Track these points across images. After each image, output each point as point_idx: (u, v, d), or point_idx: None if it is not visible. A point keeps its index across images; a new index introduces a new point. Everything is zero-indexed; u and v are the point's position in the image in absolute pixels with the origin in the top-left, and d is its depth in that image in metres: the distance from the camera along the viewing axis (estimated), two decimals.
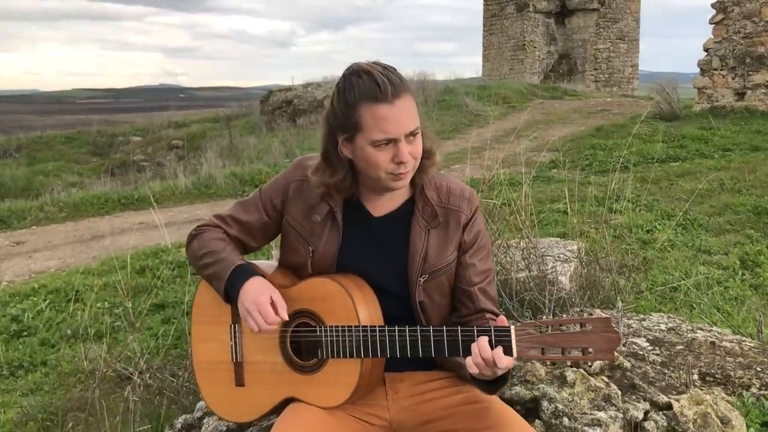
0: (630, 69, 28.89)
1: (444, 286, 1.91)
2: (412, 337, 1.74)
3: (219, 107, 29.38)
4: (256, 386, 1.95)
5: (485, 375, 1.65)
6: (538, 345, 1.59)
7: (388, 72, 1.74)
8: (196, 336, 2.07)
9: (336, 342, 1.80)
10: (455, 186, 1.95)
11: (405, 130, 1.74)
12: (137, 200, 9.89)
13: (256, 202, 1.99)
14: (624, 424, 2.15)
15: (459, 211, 1.91)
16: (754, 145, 9.75)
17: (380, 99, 1.70)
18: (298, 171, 1.96)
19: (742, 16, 12.54)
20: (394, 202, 1.91)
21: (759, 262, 5.15)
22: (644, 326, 3.35)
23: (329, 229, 1.90)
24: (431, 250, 1.87)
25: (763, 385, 2.76)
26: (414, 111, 1.77)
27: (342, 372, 1.82)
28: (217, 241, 1.95)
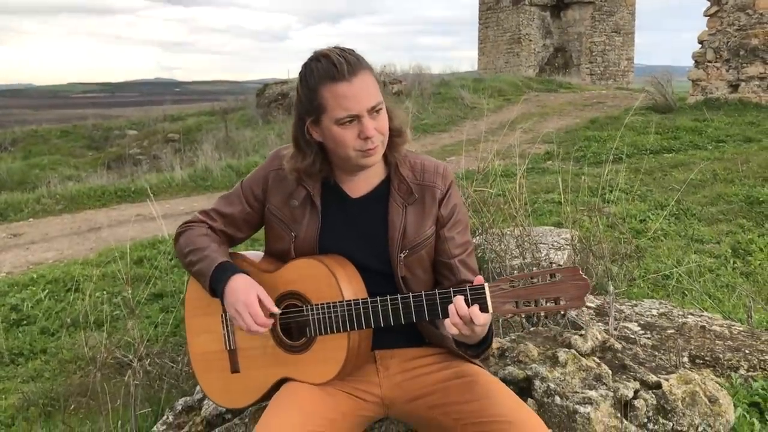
0: (625, 62, 28.93)
1: (425, 261, 1.96)
2: (394, 305, 1.79)
3: (215, 101, 29.36)
4: (251, 371, 2.00)
5: (465, 336, 1.71)
6: (512, 299, 1.65)
7: (345, 53, 1.79)
8: (191, 329, 2.11)
9: (322, 319, 1.85)
10: (429, 163, 2.00)
11: (366, 105, 1.79)
12: (134, 192, 9.92)
13: (238, 195, 2.04)
14: (614, 403, 2.21)
15: (434, 187, 1.96)
16: (748, 137, 9.81)
17: (338, 78, 1.76)
18: (275, 161, 2.01)
19: (736, 8, 12.60)
20: (370, 182, 1.97)
21: (750, 250, 5.21)
22: (636, 312, 3.41)
23: (309, 214, 1.95)
24: (409, 227, 1.92)
25: (751, 367, 2.83)
26: (374, 87, 1.82)
27: (330, 348, 1.87)
28: (201, 238, 2.00)
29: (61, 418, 3.17)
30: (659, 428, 2.23)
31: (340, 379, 1.90)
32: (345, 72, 1.75)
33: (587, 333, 2.54)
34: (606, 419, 2.16)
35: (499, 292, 1.67)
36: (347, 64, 1.76)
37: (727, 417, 2.34)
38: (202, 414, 2.41)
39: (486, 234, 3.72)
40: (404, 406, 1.94)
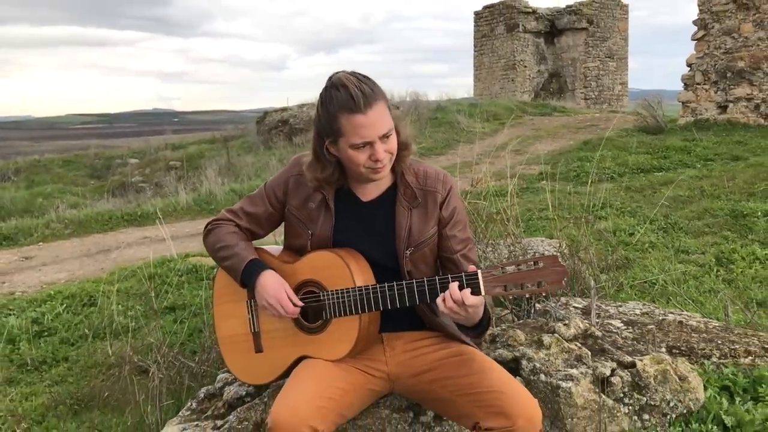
0: (619, 86, 29.38)
1: (428, 257, 2.25)
2: (399, 290, 2.06)
3: (214, 130, 29.79)
4: (273, 351, 2.27)
5: (461, 317, 1.98)
6: (501, 283, 1.92)
7: (362, 84, 2.05)
8: (219, 315, 2.40)
9: (337, 303, 2.13)
10: (431, 170, 2.29)
11: (379, 133, 2.06)
12: (140, 217, 10.20)
13: (262, 196, 2.34)
14: (593, 380, 2.47)
15: (435, 192, 2.24)
16: (735, 155, 10.12)
17: (355, 110, 2.02)
18: (296, 167, 2.30)
19: (722, 32, 12.99)
20: (379, 188, 2.26)
21: (733, 259, 5.48)
22: (620, 311, 3.67)
23: (324, 215, 2.24)
24: (414, 227, 2.21)
25: (723, 355, 3.09)
26: (386, 115, 2.08)
27: (344, 328, 2.14)
28: (230, 235, 2.30)
29: (90, 414, 3.42)
30: (634, 402, 2.50)
31: (352, 356, 2.17)
32: (361, 105, 2.01)
33: (570, 322, 2.82)
34: (586, 393, 2.43)
35: (490, 278, 1.94)
36: (363, 97, 2.02)
37: (696, 395, 2.60)
38: (223, 398, 2.66)
39: (480, 244, 3.99)
40: (407, 381, 2.21)
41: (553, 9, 28.57)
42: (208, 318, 4.60)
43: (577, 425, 2.41)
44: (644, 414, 2.50)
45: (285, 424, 1.89)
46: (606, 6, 28.46)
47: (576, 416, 2.41)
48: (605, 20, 28.35)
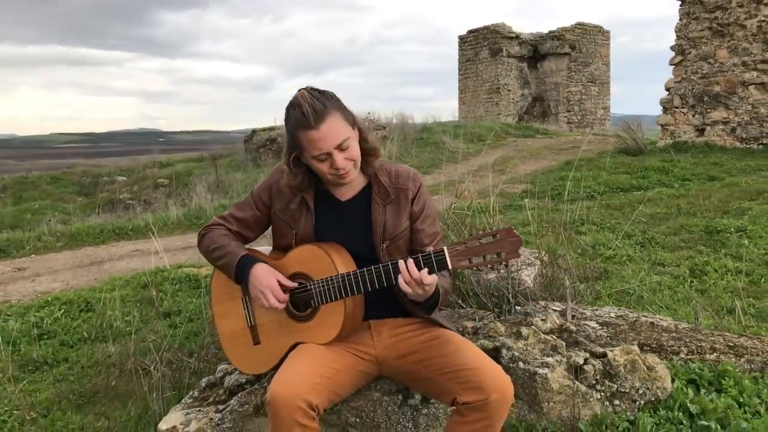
0: (602, 111, 29.89)
1: (402, 248, 2.47)
2: (377, 271, 2.27)
3: (199, 150, 30.00)
4: (269, 341, 2.48)
5: (418, 294, 2.20)
6: (466, 257, 2.13)
7: (315, 100, 2.26)
8: (218, 314, 2.62)
9: (323, 291, 2.35)
10: (402, 169, 2.53)
11: (333, 144, 2.27)
12: (131, 230, 10.34)
13: (249, 202, 2.58)
14: (568, 367, 2.69)
15: (407, 189, 2.48)
16: (711, 175, 10.45)
17: (308, 126, 2.25)
18: (278, 174, 2.54)
19: (699, 57, 13.41)
20: (354, 189, 2.50)
21: (706, 271, 5.73)
22: (596, 314, 3.89)
23: (305, 215, 2.47)
24: (388, 222, 2.44)
25: (690, 352, 3.32)
26: (340, 127, 2.29)
27: (331, 314, 2.36)
28: (222, 237, 2.53)
29: (93, 408, 3.59)
30: (606, 389, 2.72)
31: (341, 340, 2.38)
32: (312, 121, 2.23)
33: (547, 318, 3.04)
34: (561, 380, 2.65)
35: (455, 253, 2.15)
36: (314, 113, 2.23)
37: (663, 384, 2.83)
38: (224, 386, 2.86)
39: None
40: (393, 363, 2.42)
41: (536, 34, 29.08)
42: (203, 322, 4.79)
43: (553, 409, 2.63)
44: (615, 400, 2.71)
45: (282, 398, 2.09)
46: (588, 32, 29.02)
47: (552, 400, 2.63)
48: (587, 46, 28.88)
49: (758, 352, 3.33)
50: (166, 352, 3.49)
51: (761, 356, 3.30)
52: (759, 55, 12.58)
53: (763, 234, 6.72)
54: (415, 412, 2.57)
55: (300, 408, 2.07)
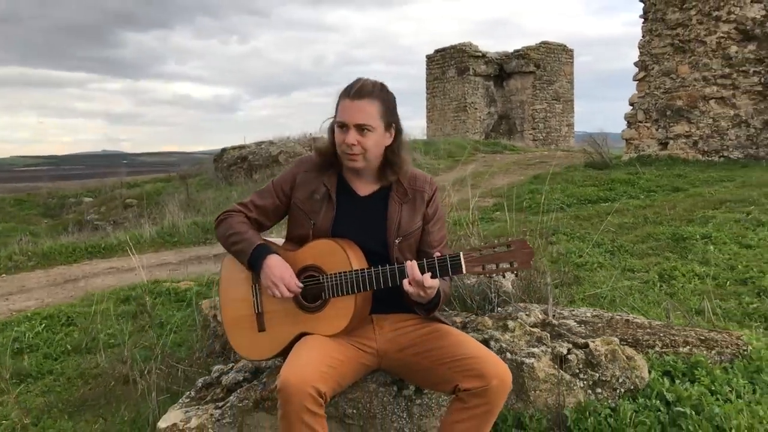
0: (566, 128, 30.42)
1: (413, 247, 2.61)
2: (392, 271, 2.41)
3: (163, 172, 29.90)
4: (274, 329, 2.57)
5: (420, 297, 2.35)
6: (480, 263, 2.28)
7: (368, 83, 2.51)
8: (224, 299, 2.70)
9: (336, 284, 2.45)
10: (420, 174, 2.69)
11: (354, 121, 2.47)
12: (104, 249, 10.29)
13: (270, 191, 2.69)
14: (552, 357, 2.83)
15: (423, 191, 2.63)
16: (676, 187, 10.76)
17: (345, 95, 2.49)
18: (303, 165, 2.67)
19: (661, 73, 13.82)
20: (374, 185, 2.62)
21: (674, 275, 5.94)
22: (573, 314, 4.05)
23: (326, 206, 2.59)
24: (403, 219, 2.57)
25: (665, 345, 3.48)
26: (369, 113, 2.48)
27: (341, 307, 2.47)
28: (240, 224, 2.63)
29: (84, 416, 3.63)
30: (588, 378, 2.86)
31: (347, 333, 2.49)
32: (351, 92, 2.46)
33: (531, 313, 3.18)
34: (546, 369, 2.78)
35: (470, 258, 2.30)
36: (357, 89, 2.47)
37: (642, 373, 2.98)
38: (222, 384, 2.94)
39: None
40: (394, 356, 2.53)
41: (502, 53, 29.55)
42: (186, 332, 4.84)
43: (539, 397, 2.76)
44: (597, 388, 2.85)
45: (293, 384, 2.19)
46: (552, 51, 29.58)
47: (538, 389, 2.76)
48: (552, 64, 29.42)
49: (727, 345, 3.50)
50: (158, 358, 3.54)
51: (730, 348, 3.48)
52: (719, 70, 13.02)
53: (727, 240, 6.97)
54: (409, 403, 2.68)
55: (310, 395, 2.17)
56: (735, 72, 12.82)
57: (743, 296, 5.29)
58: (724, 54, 12.94)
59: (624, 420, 2.77)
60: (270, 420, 2.69)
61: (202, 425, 2.68)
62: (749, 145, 12.84)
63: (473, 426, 2.31)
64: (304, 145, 17.26)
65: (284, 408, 2.20)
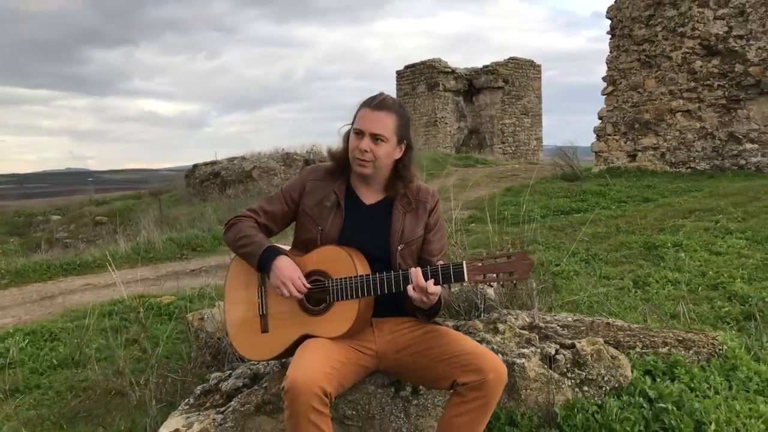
0: (535, 142, 30.85)
1: (414, 254, 2.72)
2: (396, 277, 2.51)
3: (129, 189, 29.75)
4: (278, 330, 2.66)
5: (423, 302, 2.47)
6: (481, 272, 2.39)
7: (388, 98, 2.67)
8: (229, 301, 2.78)
9: (341, 289, 2.55)
10: (423, 186, 2.82)
11: (370, 130, 2.61)
12: (79, 266, 10.23)
13: (279, 197, 2.80)
14: (542, 357, 2.95)
15: (426, 202, 2.76)
16: (646, 197, 11.03)
17: (366, 105, 2.64)
18: (312, 174, 2.80)
19: (629, 87, 14.17)
20: (380, 195, 2.74)
21: (648, 282, 6.12)
22: (555, 319, 4.18)
23: (335, 213, 2.69)
24: (406, 228, 2.69)
25: (644, 346, 3.62)
26: (386, 125, 2.62)
27: (345, 310, 2.56)
28: (250, 228, 2.73)
29: (78, 428, 3.66)
30: (575, 376, 2.98)
31: (349, 336, 2.58)
32: (371, 104, 2.62)
33: (518, 317, 3.30)
34: (536, 368, 2.90)
35: (472, 267, 2.42)
36: (378, 101, 2.63)
37: (625, 372, 3.11)
38: (222, 390, 3.00)
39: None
40: (393, 357, 2.63)
41: (471, 69, 29.92)
42: (174, 345, 4.88)
43: (530, 395, 2.88)
44: (584, 386, 2.98)
45: (300, 384, 2.27)
46: (520, 66, 30.03)
47: (529, 387, 2.87)
48: (520, 79, 29.86)
49: (704, 345, 3.65)
50: (153, 368, 3.59)
51: (707, 348, 3.63)
52: (684, 84, 13.38)
53: (697, 248, 7.18)
54: (406, 403, 2.78)
55: (317, 395, 2.26)
56: (700, 86, 13.19)
57: (715, 300, 5.48)
58: (689, 69, 13.31)
59: (610, 416, 2.89)
60: (271, 423, 2.77)
61: (204, 429, 2.75)
62: (715, 156, 13.19)
63: (471, 419, 2.42)
64: (277, 161, 17.32)
65: (292, 408, 2.28)
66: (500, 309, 3.88)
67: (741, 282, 5.82)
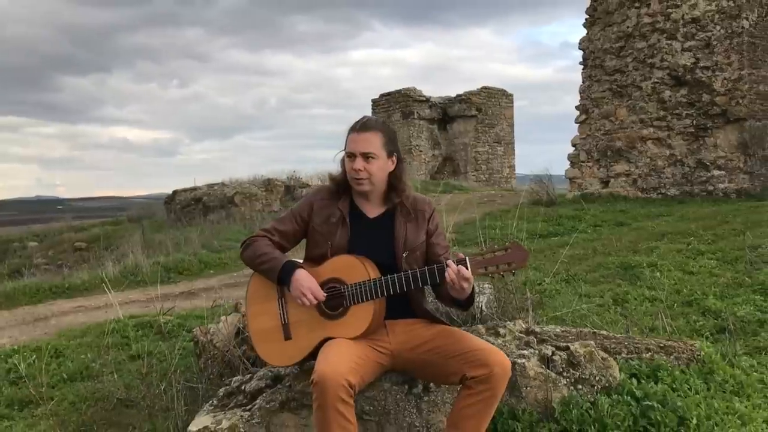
0: (508, 169, 31.37)
1: (419, 259, 3.01)
2: (406, 277, 2.80)
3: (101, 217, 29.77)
4: (300, 336, 2.92)
5: (459, 290, 2.72)
6: (483, 265, 2.69)
7: (371, 118, 3.00)
8: (251, 314, 3.04)
9: (357, 293, 2.82)
10: (420, 196, 3.13)
11: (360, 150, 2.91)
12: (68, 289, 10.36)
13: (290, 218, 3.08)
14: (540, 358, 3.24)
15: (424, 211, 3.06)
16: (619, 221, 11.46)
17: (353, 129, 2.95)
18: (318, 194, 3.10)
19: (601, 116, 14.71)
20: (381, 208, 3.03)
21: (627, 299, 6.46)
22: (544, 330, 4.49)
23: (341, 229, 2.98)
24: (409, 236, 2.98)
25: (629, 352, 3.93)
26: (373, 143, 2.92)
27: (361, 312, 2.84)
28: (266, 246, 3.00)
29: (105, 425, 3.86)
30: (570, 376, 3.27)
31: (366, 336, 2.85)
32: (357, 127, 2.93)
33: (516, 322, 3.60)
34: (535, 368, 3.19)
35: (474, 261, 2.70)
36: (362, 124, 2.93)
37: (614, 373, 3.41)
38: (245, 390, 3.24)
39: None
40: (406, 355, 2.90)
41: (445, 98, 30.45)
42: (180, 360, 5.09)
43: (530, 393, 3.16)
44: (578, 385, 3.27)
45: (329, 377, 2.54)
46: (493, 95, 30.63)
47: (529, 386, 3.16)
48: (492, 108, 30.41)
49: (683, 351, 3.98)
50: (176, 373, 3.82)
51: (686, 354, 3.96)
52: (654, 113, 13.94)
53: (671, 268, 7.56)
54: (419, 400, 3.05)
55: (343, 386, 2.53)
56: (669, 114, 13.75)
57: (690, 315, 5.82)
58: (658, 98, 13.88)
59: (602, 412, 3.18)
60: (294, 419, 3.02)
61: (234, 425, 2.99)
62: (684, 182, 13.72)
63: (480, 409, 2.70)
64: (258, 187, 17.53)
65: (320, 399, 2.54)
66: (496, 320, 4.17)
67: (714, 298, 6.17)
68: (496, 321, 3.96)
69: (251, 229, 14.99)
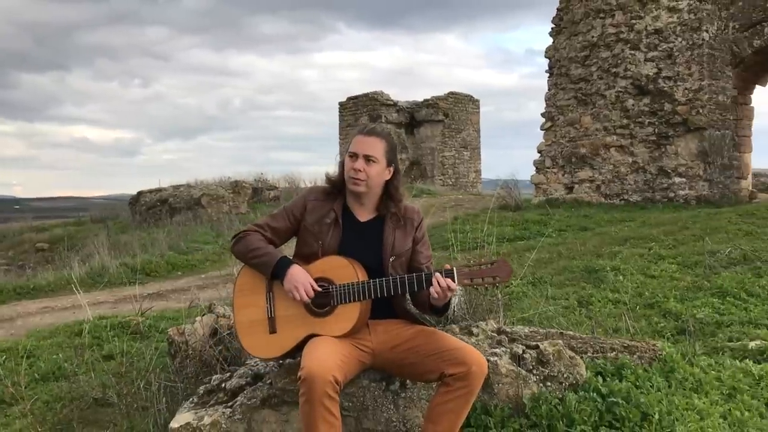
0: (474, 174, 31.66)
1: (404, 264, 3.12)
2: (395, 281, 2.90)
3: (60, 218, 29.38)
4: (285, 331, 3.01)
5: (441, 299, 2.85)
6: (469, 276, 2.81)
7: (379, 126, 3.08)
8: (238, 306, 3.12)
9: (345, 293, 2.92)
10: (409, 205, 3.23)
11: (363, 152, 3.02)
12: (33, 290, 10.27)
13: (282, 215, 3.16)
14: (511, 356, 3.37)
15: (413, 219, 3.17)
16: (583, 226, 11.72)
17: (359, 132, 3.08)
18: (312, 194, 3.17)
19: (566, 123, 15.00)
20: (372, 213, 3.13)
21: (591, 301, 6.65)
22: (513, 330, 4.64)
23: (333, 230, 3.07)
24: (397, 241, 3.09)
25: (595, 351, 4.09)
26: (376, 148, 3.04)
27: (347, 312, 2.94)
28: (260, 241, 3.09)
29: None
30: (540, 373, 3.41)
31: (350, 335, 2.95)
32: (364, 131, 3.06)
33: (488, 323, 3.73)
34: (507, 366, 3.32)
35: (461, 273, 2.82)
36: (370, 129, 3.07)
37: (581, 371, 3.56)
38: (226, 388, 3.32)
39: None
40: (386, 354, 3.01)
41: (412, 102, 30.62)
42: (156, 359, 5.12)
43: (502, 389, 3.29)
44: (547, 382, 3.41)
45: (316, 373, 2.63)
46: (460, 100, 30.89)
47: (501, 382, 3.29)
48: (459, 114, 30.66)
49: (646, 351, 4.15)
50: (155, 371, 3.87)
51: (648, 353, 4.13)
52: (618, 121, 14.27)
53: (633, 272, 7.78)
54: (396, 396, 3.16)
55: (330, 382, 2.63)
56: (632, 123, 14.09)
57: (652, 317, 6.03)
58: (622, 107, 14.20)
59: (570, 407, 3.32)
60: (275, 415, 3.11)
61: (216, 422, 3.06)
62: (646, 189, 14.05)
63: (457, 406, 2.82)
64: (226, 188, 17.50)
65: (308, 394, 2.63)
66: (468, 319, 4.31)
67: (674, 301, 6.40)
68: (468, 321, 4.09)
69: (219, 230, 14.98)
